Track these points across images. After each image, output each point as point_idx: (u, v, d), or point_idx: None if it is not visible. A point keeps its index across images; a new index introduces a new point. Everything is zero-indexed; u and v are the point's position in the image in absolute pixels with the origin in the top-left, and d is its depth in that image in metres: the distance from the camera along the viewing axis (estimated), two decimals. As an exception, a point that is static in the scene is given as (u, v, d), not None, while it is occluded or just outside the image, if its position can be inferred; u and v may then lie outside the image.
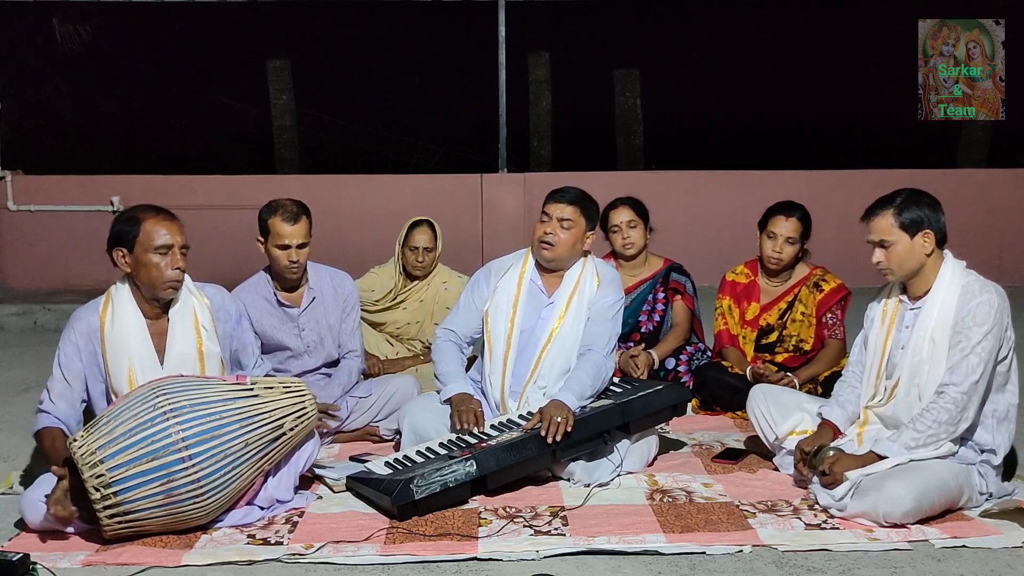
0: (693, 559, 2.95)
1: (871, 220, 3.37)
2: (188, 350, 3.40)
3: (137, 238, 3.29)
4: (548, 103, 11.16)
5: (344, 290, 4.32)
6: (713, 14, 12.85)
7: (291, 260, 4.06)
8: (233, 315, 3.59)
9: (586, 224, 3.87)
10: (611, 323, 3.87)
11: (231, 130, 13.67)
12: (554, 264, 3.89)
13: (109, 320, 3.36)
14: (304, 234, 4.07)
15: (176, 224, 3.36)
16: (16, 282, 8.60)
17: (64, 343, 3.39)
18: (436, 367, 3.95)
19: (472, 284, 4.04)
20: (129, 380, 3.32)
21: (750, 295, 4.68)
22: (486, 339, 3.93)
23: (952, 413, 3.21)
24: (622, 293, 3.99)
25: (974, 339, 3.22)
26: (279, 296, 4.19)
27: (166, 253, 3.30)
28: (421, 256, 4.85)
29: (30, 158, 9.92)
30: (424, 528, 3.16)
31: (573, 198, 3.85)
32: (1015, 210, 8.83)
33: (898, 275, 3.39)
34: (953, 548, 2.99)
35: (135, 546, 3.02)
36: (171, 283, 3.33)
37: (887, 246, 3.33)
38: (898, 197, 3.36)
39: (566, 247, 3.84)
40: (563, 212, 3.82)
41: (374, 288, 4.93)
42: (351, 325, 4.32)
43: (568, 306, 3.85)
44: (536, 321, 3.88)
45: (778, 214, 4.54)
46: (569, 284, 3.89)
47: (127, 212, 3.39)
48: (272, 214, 4.06)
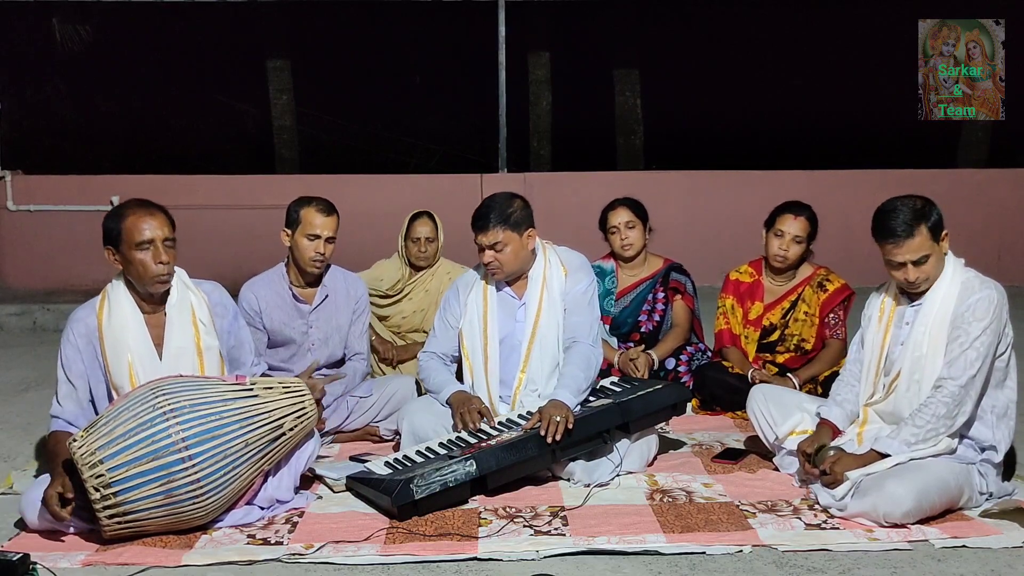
0: (693, 559, 2.95)
1: (904, 241, 3.23)
2: (186, 344, 3.40)
3: (120, 235, 3.28)
4: (548, 103, 11.17)
5: (356, 292, 4.34)
6: (713, 14, 12.85)
7: (318, 252, 4.09)
8: (230, 311, 3.59)
9: (518, 232, 3.77)
10: (589, 309, 3.86)
11: (231, 130, 13.67)
12: (510, 278, 3.90)
13: (106, 317, 3.36)
14: (334, 229, 4.13)
15: (158, 218, 3.30)
16: (16, 282, 8.61)
17: (64, 345, 3.39)
18: (426, 384, 3.96)
19: (444, 304, 4.05)
20: (130, 375, 3.32)
21: (754, 294, 4.68)
22: (463, 355, 3.92)
23: (950, 407, 3.21)
24: (592, 275, 3.97)
25: (973, 334, 3.23)
26: (294, 291, 4.21)
27: (148, 248, 3.27)
28: (424, 247, 4.97)
29: (30, 158, 9.93)
30: (424, 528, 3.16)
31: (495, 220, 3.73)
32: (1015, 210, 8.84)
33: (931, 283, 3.34)
34: (953, 548, 2.99)
35: (135, 546, 3.02)
36: (158, 278, 3.30)
37: (925, 261, 3.27)
38: (912, 211, 3.25)
39: (511, 263, 3.81)
40: (491, 239, 3.75)
41: (383, 277, 5.03)
42: (360, 328, 4.33)
43: (541, 302, 3.85)
44: (513, 325, 3.88)
45: (786, 212, 4.53)
46: (536, 281, 3.88)
47: (115, 210, 3.37)
48: (306, 205, 4.13)
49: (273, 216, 4.94)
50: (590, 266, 4.04)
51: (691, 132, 12.89)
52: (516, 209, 3.78)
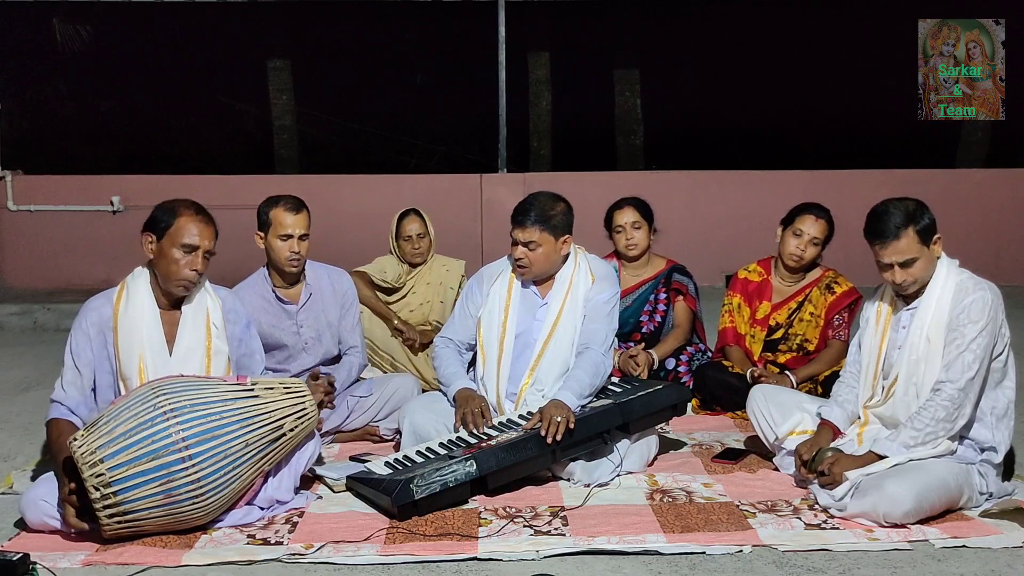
0: (693, 559, 2.95)
1: (891, 243, 3.26)
2: (197, 345, 3.42)
3: (168, 230, 3.34)
4: (548, 103, 11.17)
5: (342, 286, 4.32)
6: (713, 14, 12.84)
7: (292, 251, 4.08)
8: (242, 319, 3.62)
9: (555, 235, 3.80)
10: (607, 319, 3.87)
11: (231, 130, 13.67)
12: (536, 278, 3.91)
13: (123, 307, 3.39)
14: (305, 225, 4.11)
15: (209, 229, 3.41)
16: (16, 282, 8.61)
17: (75, 331, 3.40)
18: (437, 372, 3.98)
19: (467, 291, 4.07)
20: (139, 369, 3.34)
21: (762, 293, 4.67)
22: (479, 345, 3.93)
23: (949, 410, 3.21)
24: (617, 288, 3.99)
25: (969, 336, 3.23)
26: (277, 292, 4.20)
27: (189, 252, 3.34)
28: (416, 243, 5.05)
29: (30, 158, 9.92)
30: (424, 528, 3.16)
31: (535, 219, 3.76)
32: (1014, 210, 8.84)
33: (919, 286, 3.35)
34: (953, 548, 2.99)
35: (135, 546, 3.02)
36: (183, 281, 3.36)
37: (912, 264, 3.28)
38: (902, 214, 3.27)
39: (540, 265, 3.84)
40: (526, 236, 3.78)
41: (385, 270, 5.08)
42: (351, 321, 4.32)
43: (563, 306, 3.85)
44: (531, 323, 3.88)
45: (808, 213, 4.51)
46: (562, 284, 3.89)
47: (170, 202, 3.43)
48: (273, 205, 4.11)
49: (273, 216, 4.96)
50: (616, 278, 4.06)
51: (691, 132, 12.89)
52: (558, 213, 3.81)
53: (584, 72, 12.76)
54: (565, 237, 3.84)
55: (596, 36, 12.23)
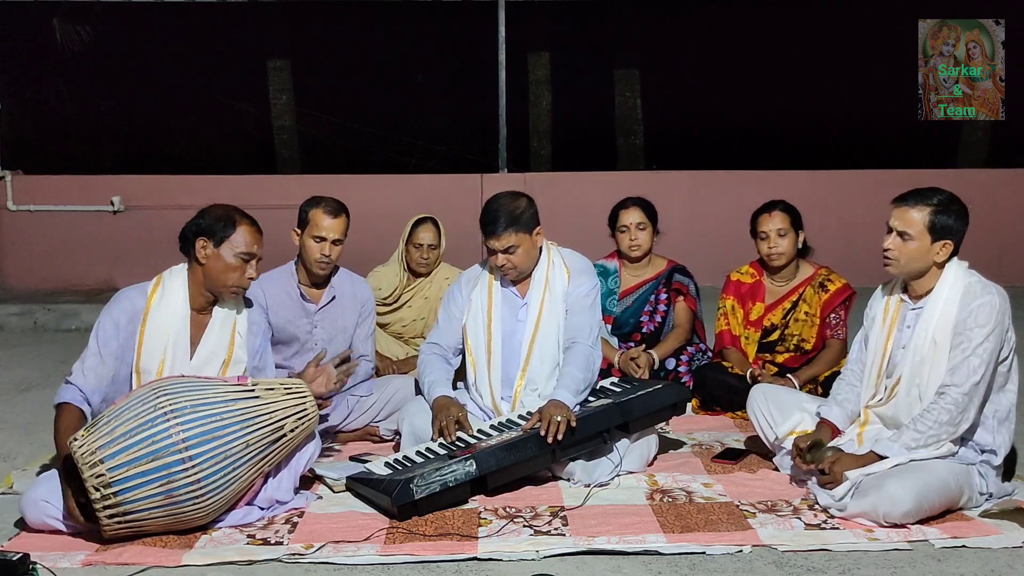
0: (693, 559, 2.95)
1: (902, 207, 3.32)
2: (219, 351, 3.44)
3: (229, 238, 3.37)
4: (548, 103, 11.16)
5: (363, 295, 4.34)
6: (713, 14, 12.84)
7: (323, 254, 4.10)
8: (262, 331, 3.62)
9: (528, 231, 3.81)
10: (590, 312, 3.88)
11: (231, 130, 13.66)
12: (522, 277, 3.91)
13: (157, 303, 3.40)
14: (341, 231, 4.14)
15: (261, 239, 3.46)
16: (16, 282, 8.60)
17: (105, 319, 3.40)
18: (420, 379, 3.95)
19: (447, 296, 4.07)
20: (160, 365, 3.35)
21: (755, 295, 4.67)
22: (466, 350, 3.93)
23: (953, 414, 3.21)
24: (595, 279, 3.99)
25: (976, 340, 3.22)
26: (301, 289, 4.21)
27: (248, 261, 3.39)
28: (426, 253, 4.91)
29: (30, 158, 9.92)
30: (424, 528, 3.17)
31: (505, 223, 3.75)
32: (1015, 210, 8.83)
33: (900, 270, 3.36)
34: (953, 548, 2.99)
35: (135, 546, 3.02)
36: (236, 288, 3.42)
37: (906, 239, 3.30)
38: (937, 196, 3.31)
39: (524, 264, 3.85)
40: (503, 243, 3.77)
41: (381, 286, 4.95)
42: (365, 331, 4.33)
43: (543, 304, 3.86)
44: (515, 324, 3.89)
45: (760, 214, 4.60)
46: (539, 281, 3.90)
47: (221, 210, 3.44)
48: (315, 206, 4.14)
49: (274, 216, 4.93)
50: (594, 269, 4.07)
51: (691, 132, 12.89)
52: (524, 209, 3.80)
53: (584, 72, 12.75)
54: (537, 230, 3.85)
55: (596, 36, 12.22)
